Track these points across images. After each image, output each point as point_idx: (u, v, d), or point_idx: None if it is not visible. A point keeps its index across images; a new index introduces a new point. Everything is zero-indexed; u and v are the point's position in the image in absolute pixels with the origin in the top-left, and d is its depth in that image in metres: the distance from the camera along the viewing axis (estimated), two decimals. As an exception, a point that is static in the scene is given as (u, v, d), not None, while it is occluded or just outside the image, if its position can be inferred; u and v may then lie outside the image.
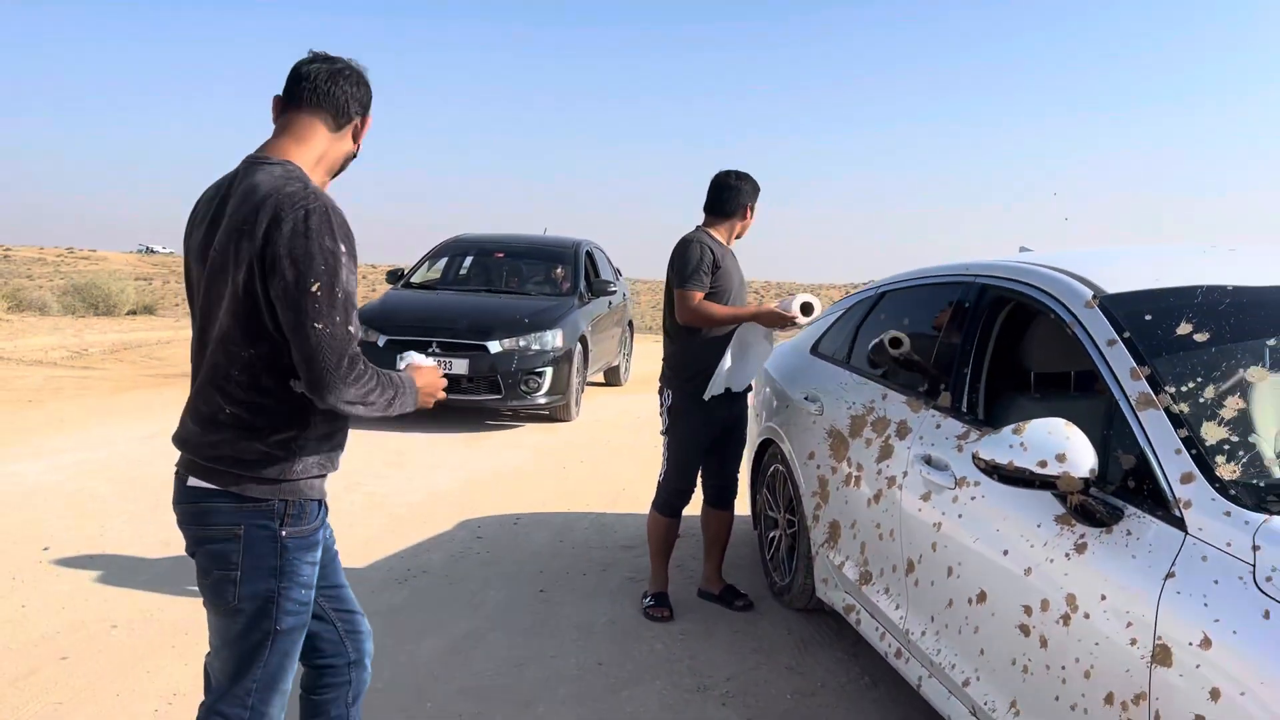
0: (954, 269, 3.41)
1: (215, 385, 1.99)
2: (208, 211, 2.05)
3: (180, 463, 2.06)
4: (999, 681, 2.51)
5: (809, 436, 3.90)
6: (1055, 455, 2.18)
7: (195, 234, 2.06)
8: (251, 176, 1.98)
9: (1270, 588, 1.77)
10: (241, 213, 1.94)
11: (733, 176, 4.08)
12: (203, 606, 2.09)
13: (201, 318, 2.04)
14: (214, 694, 2.07)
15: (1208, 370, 2.28)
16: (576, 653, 3.71)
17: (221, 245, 1.96)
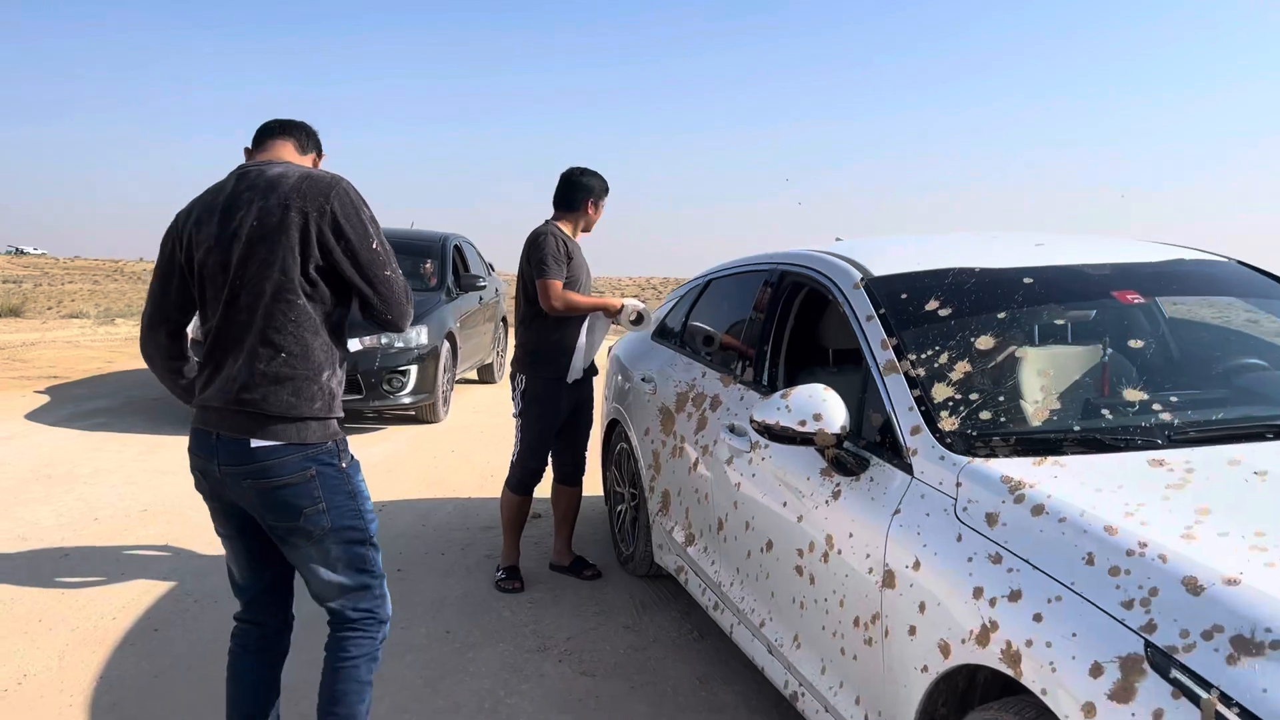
0: (762, 258, 3.76)
1: (269, 341, 2.34)
2: (217, 205, 2.41)
3: (228, 427, 2.36)
4: (785, 619, 2.85)
5: (645, 414, 4.21)
6: (813, 415, 2.52)
7: (209, 226, 2.40)
8: (268, 172, 2.41)
9: (965, 516, 2.13)
10: (279, 196, 2.35)
11: (579, 173, 4.35)
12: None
13: (232, 294, 2.36)
14: (340, 602, 2.50)
15: (945, 340, 2.65)
16: (427, 623, 3.94)
17: (267, 224, 2.33)
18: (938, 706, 2.14)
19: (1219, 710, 1.49)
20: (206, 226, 2.41)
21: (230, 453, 2.35)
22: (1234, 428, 2.33)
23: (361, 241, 2.38)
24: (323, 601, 2.53)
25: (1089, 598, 1.76)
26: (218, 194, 2.44)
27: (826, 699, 2.59)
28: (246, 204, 2.38)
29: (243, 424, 2.33)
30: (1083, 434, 2.33)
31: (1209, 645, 1.57)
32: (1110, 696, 1.62)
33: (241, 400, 2.33)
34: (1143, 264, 3.05)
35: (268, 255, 2.33)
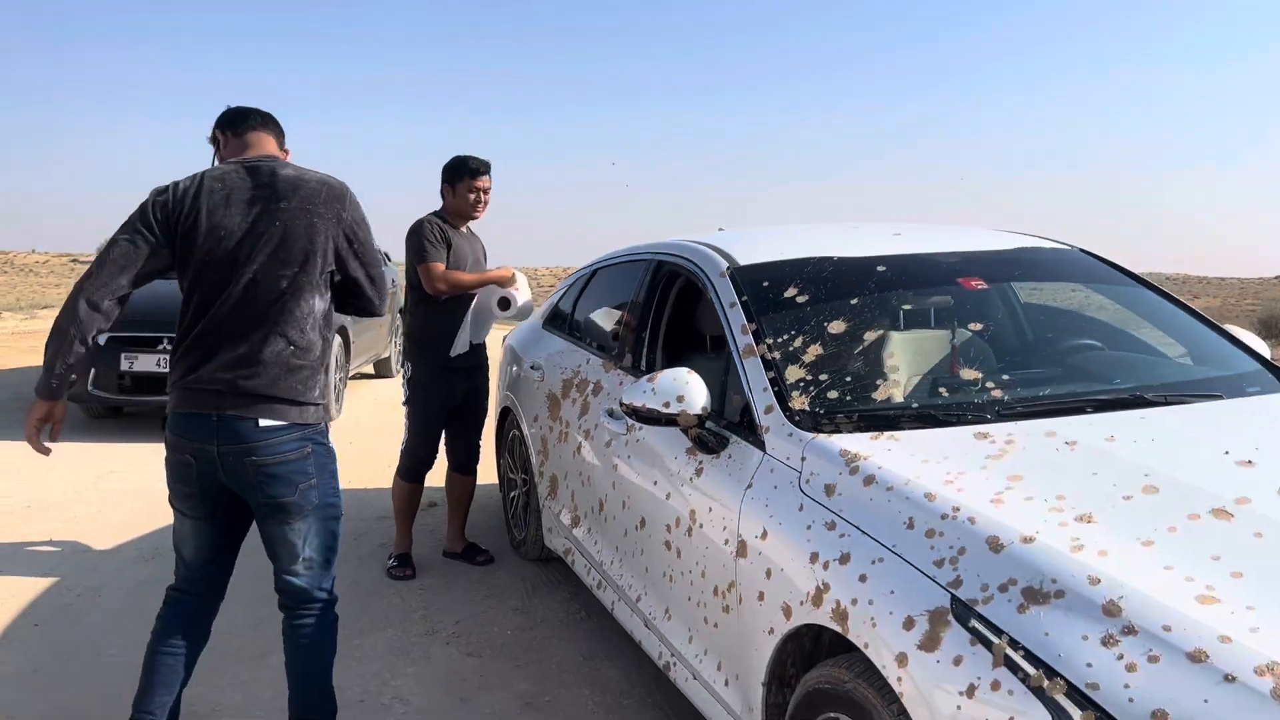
0: (644, 248, 3.88)
1: (279, 333, 2.54)
2: (229, 198, 2.57)
3: (232, 409, 2.52)
4: (657, 593, 2.98)
5: (534, 401, 4.30)
6: (676, 397, 2.64)
7: (221, 216, 2.55)
8: (281, 172, 2.62)
9: (807, 488, 2.27)
10: (301, 201, 2.58)
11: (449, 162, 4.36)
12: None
13: (246, 287, 2.53)
14: (308, 579, 2.69)
15: (800, 325, 2.80)
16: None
17: (292, 227, 2.55)
18: (787, 666, 2.29)
19: (1008, 653, 1.65)
20: (218, 217, 2.55)
21: (235, 432, 2.52)
22: (1057, 403, 2.53)
23: (367, 243, 2.70)
24: (292, 580, 2.69)
25: (907, 558, 1.92)
26: (225, 185, 2.59)
27: (694, 667, 2.73)
28: (266, 201, 2.57)
29: (251, 406, 2.52)
30: (919, 410, 2.51)
31: (1004, 596, 1.74)
32: (920, 647, 1.77)
33: (249, 385, 2.51)
34: (991, 252, 3.25)
35: (288, 256, 2.54)
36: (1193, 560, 1.73)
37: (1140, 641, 1.58)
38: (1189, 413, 2.48)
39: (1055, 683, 1.58)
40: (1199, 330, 3.13)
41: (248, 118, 2.79)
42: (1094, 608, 1.65)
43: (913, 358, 2.80)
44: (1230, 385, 2.73)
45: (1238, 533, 1.81)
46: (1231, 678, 1.49)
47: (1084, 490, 1.98)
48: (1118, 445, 2.20)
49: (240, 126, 2.77)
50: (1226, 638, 1.55)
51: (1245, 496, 1.92)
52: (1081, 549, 1.78)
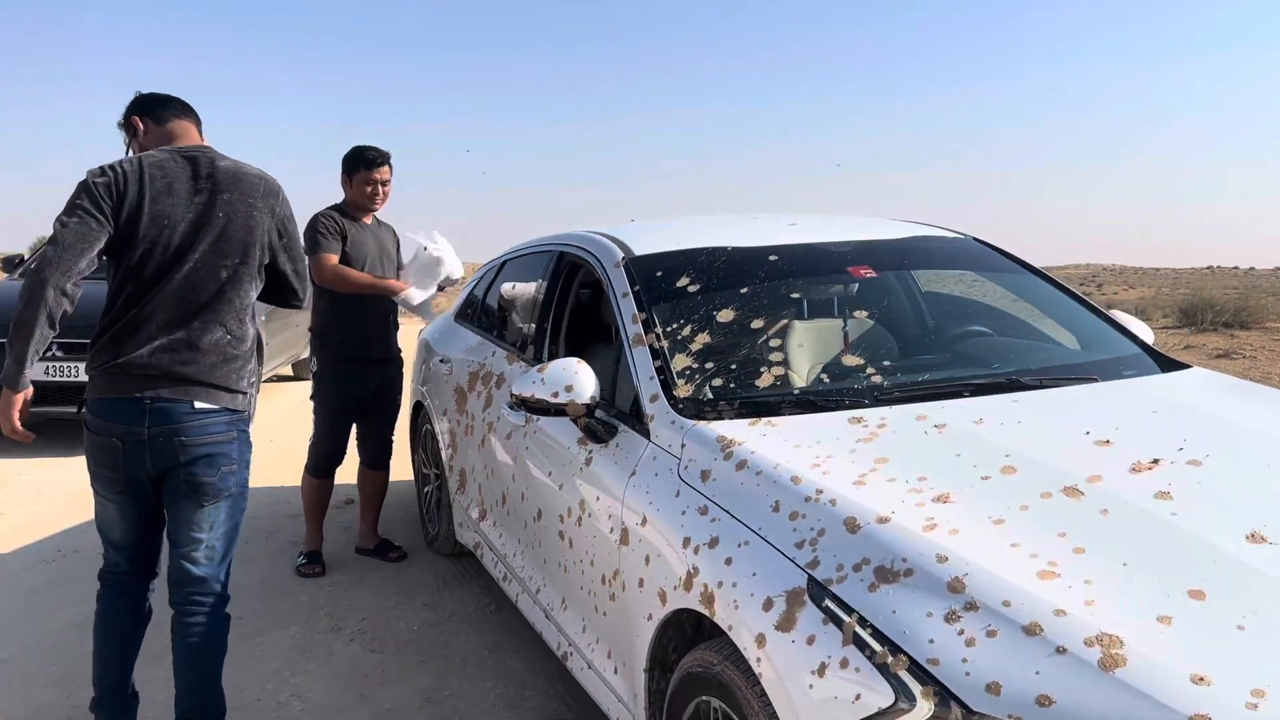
0: (547, 239, 3.87)
1: (218, 321, 2.61)
2: (171, 186, 2.57)
3: (166, 392, 2.55)
4: (555, 583, 2.98)
5: (444, 395, 4.27)
6: (564, 387, 2.65)
7: (165, 204, 2.56)
8: (219, 162, 2.66)
9: (685, 474, 2.29)
10: (243, 193, 2.64)
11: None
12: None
13: (187, 274, 2.56)
14: (208, 569, 2.71)
15: (690, 314, 2.82)
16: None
17: (234, 218, 2.61)
18: (669, 652, 2.30)
19: (857, 631, 1.68)
20: (161, 204, 2.56)
21: (167, 414, 2.56)
22: (934, 388, 2.57)
23: (295, 237, 2.79)
24: (191, 568, 2.70)
25: (771, 541, 1.94)
26: (165, 173, 2.59)
27: (587, 656, 2.74)
28: (207, 192, 2.60)
29: (186, 389, 2.57)
30: (799, 397, 2.54)
31: (857, 576, 1.76)
32: (777, 627, 1.79)
33: (186, 370, 2.57)
34: (883, 240, 3.30)
35: (229, 247, 2.61)
36: (1039, 537, 1.77)
37: (981, 617, 1.62)
38: (1060, 395, 2.54)
39: (899, 659, 1.61)
40: (1083, 316, 3.21)
41: (169, 104, 2.78)
42: (940, 585, 1.68)
43: (800, 346, 2.83)
44: (1107, 368, 2.81)
45: (1085, 510, 1.86)
46: (1063, 649, 1.53)
47: (945, 471, 2.02)
48: (984, 428, 2.25)
49: (162, 113, 2.76)
50: (1062, 611, 1.59)
51: (1098, 475, 1.97)
52: (934, 528, 1.81)
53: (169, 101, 2.79)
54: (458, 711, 3.12)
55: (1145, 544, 1.75)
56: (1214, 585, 1.64)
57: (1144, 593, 1.63)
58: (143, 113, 2.77)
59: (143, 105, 2.78)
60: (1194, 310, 13.94)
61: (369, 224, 4.30)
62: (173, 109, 2.77)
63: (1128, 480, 1.96)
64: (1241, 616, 1.57)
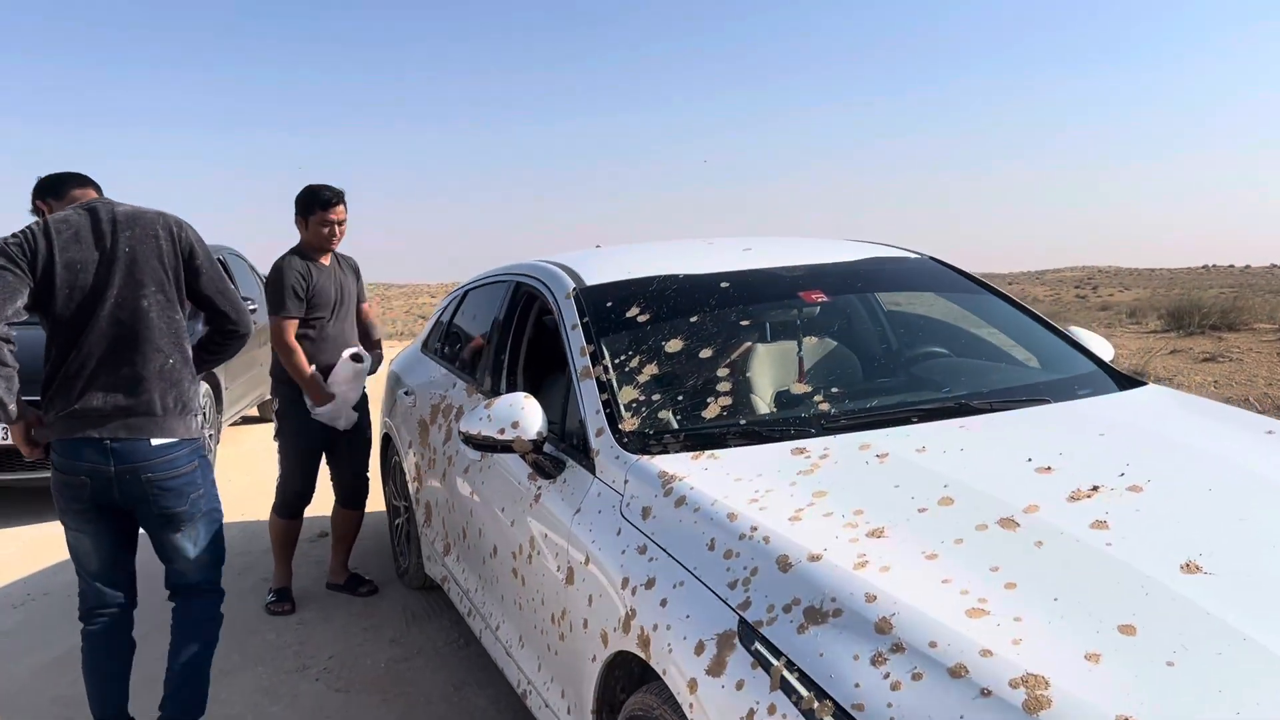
0: (504, 269, 3.85)
1: (155, 348, 2.75)
2: (80, 235, 2.74)
3: (124, 431, 2.72)
4: (511, 620, 2.94)
5: (410, 427, 4.23)
6: (511, 423, 2.61)
7: (75, 251, 2.73)
8: (118, 208, 2.82)
9: (627, 512, 2.26)
10: (144, 227, 2.79)
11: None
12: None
13: (114, 312, 2.72)
14: (202, 574, 2.98)
15: (639, 345, 2.79)
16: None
17: (142, 251, 2.76)
18: (617, 693, 2.27)
19: (784, 675, 1.65)
20: (72, 251, 2.72)
21: (129, 453, 2.73)
22: (881, 414, 2.54)
23: (209, 259, 2.91)
24: (184, 579, 2.96)
25: (705, 581, 1.91)
26: (70, 225, 2.76)
27: (543, 695, 2.70)
28: (112, 234, 2.76)
29: (140, 425, 2.73)
30: (745, 428, 2.51)
31: (787, 617, 1.73)
32: (708, 672, 1.76)
33: (137, 402, 2.73)
34: (837, 264, 3.27)
35: (142, 277, 2.75)
36: (971, 573, 1.74)
37: (907, 659, 1.58)
38: (1008, 420, 2.51)
39: (824, 705, 1.57)
40: (1041, 335, 3.19)
41: (66, 180, 2.98)
42: (868, 625, 1.65)
43: (749, 374, 2.81)
44: (1060, 389, 2.78)
45: (1020, 542, 1.83)
46: (987, 691, 1.50)
47: (882, 504, 1.99)
48: (926, 456, 2.22)
49: (61, 190, 2.97)
50: (988, 651, 1.56)
51: (1035, 504, 1.94)
52: (865, 565, 1.78)
53: (66, 178, 2.99)
54: (420, 752, 3.08)
55: (1078, 577, 1.72)
56: (1145, 619, 1.60)
57: (1074, 629, 1.60)
58: (43, 196, 2.98)
59: (42, 190, 2.99)
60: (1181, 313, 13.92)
61: (327, 265, 4.24)
62: (70, 184, 2.97)
63: (1065, 510, 1.93)
64: (1171, 652, 1.54)
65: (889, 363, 3.17)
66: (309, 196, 4.13)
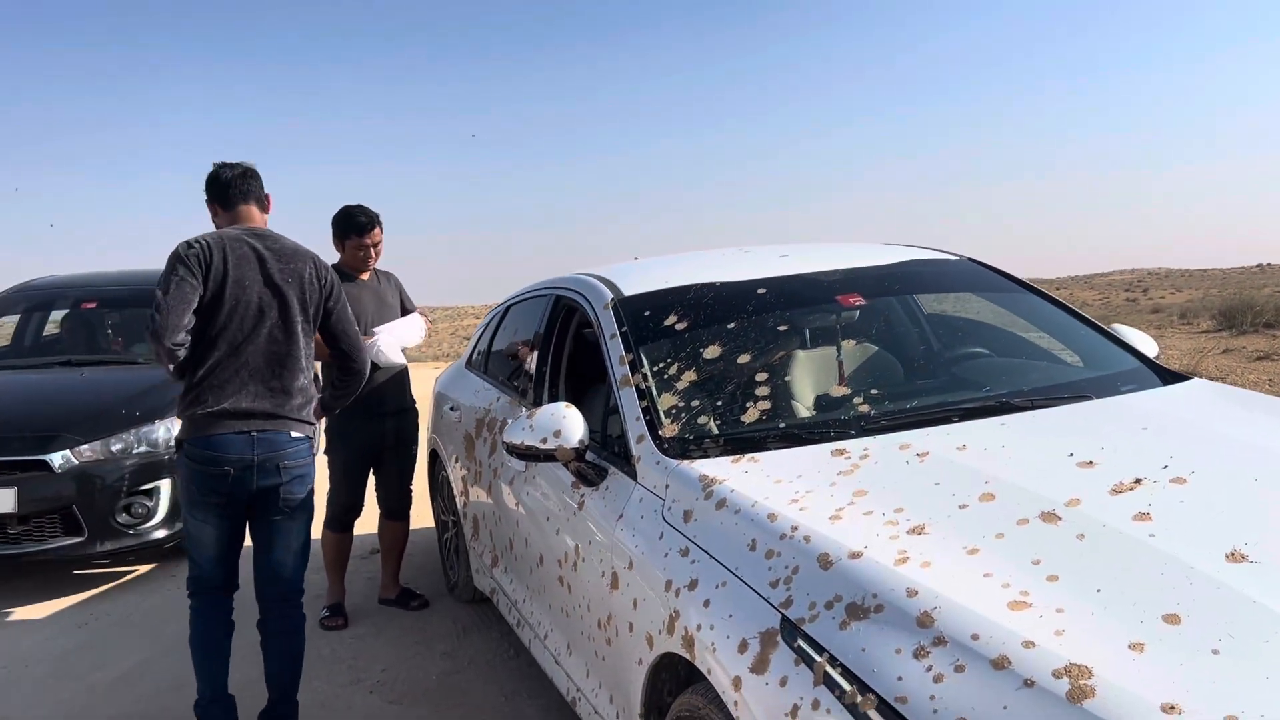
0: (546, 282, 3.90)
1: (299, 369, 3.19)
2: (250, 257, 3.13)
3: (270, 425, 3.14)
4: (560, 628, 2.98)
5: (455, 441, 4.30)
6: (553, 432, 2.66)
7: (246, 271, 3.11)
8: (283, 240, 3.25)
9: (669, 515, 2.29)
10: (299, 258, 3.22)
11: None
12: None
13: (272, 329, 3.14)
14: (296, 570, 3.30)
15: (678, 352, 2.82)
16: (243, 668, 3.92)
17: (296, 283, 3.18)
18: (664, 696, 2.29)
19: (827, 671, 1.66)
20: (241, 270, 3.10)
21: (271, 443, 3.13)
22: (921, 415, 2.55)
23: (340, 301, 3.32)
24: (283, 570, 3.26)
25: (747, 580, 1.93)
26: (243, 245, 3.14)
27: (592, 701, 2.73)
28: (277, 264, 3.15)
29: (283, 423, 3.15)
30: (785, 431, 2.53)
31: (829, 614, 1.75)
32: (751, 670, 1.78)
33: (278, 409, 3.14)
34: (874, 267, 3.28)
35: (297, 306, 3.16)
36: (1013, 566, 1.75)
37: (949, 651, 1.59)
38: (1049, 416, 2.50)
39: (868, 698, 1.59)
40: (1083, 332, 3.17)
41: (233, 198, 3.29)
42: (909, 620, 1.66)
43: (788, 378, 2.82)
44: (1102, 385, 2.76)
45: (1061, 536, 1.83)
46: (1031, 682, 1.50)
47: (923, 502, 2.00)
48: (967, 454, 2.22)
49: (229, 203, 3.30)
50: (1030, 643, 1.56)
51: (1076, 498, 1.94)
52: (906, 561, 1.79)
53: (234, 193, 3.29)
54: (472, 761, 3.12)
55: (1121, 568, 1.72)
56: (1189, 608, 1.60)
57: (1117, 619, 1.60)
58: (212, 201, 3.32)
59: (213, 194, 3.30)
60: (1233, 313, 13.67)
61: (366, 280, 4.34)
62: (238, 199, 3.29)
63: (1107, 502, 1.92)
64: (1216, 640, 1.53)
65: (929, 364, 3.16)
66: (344, 220, 4.24)
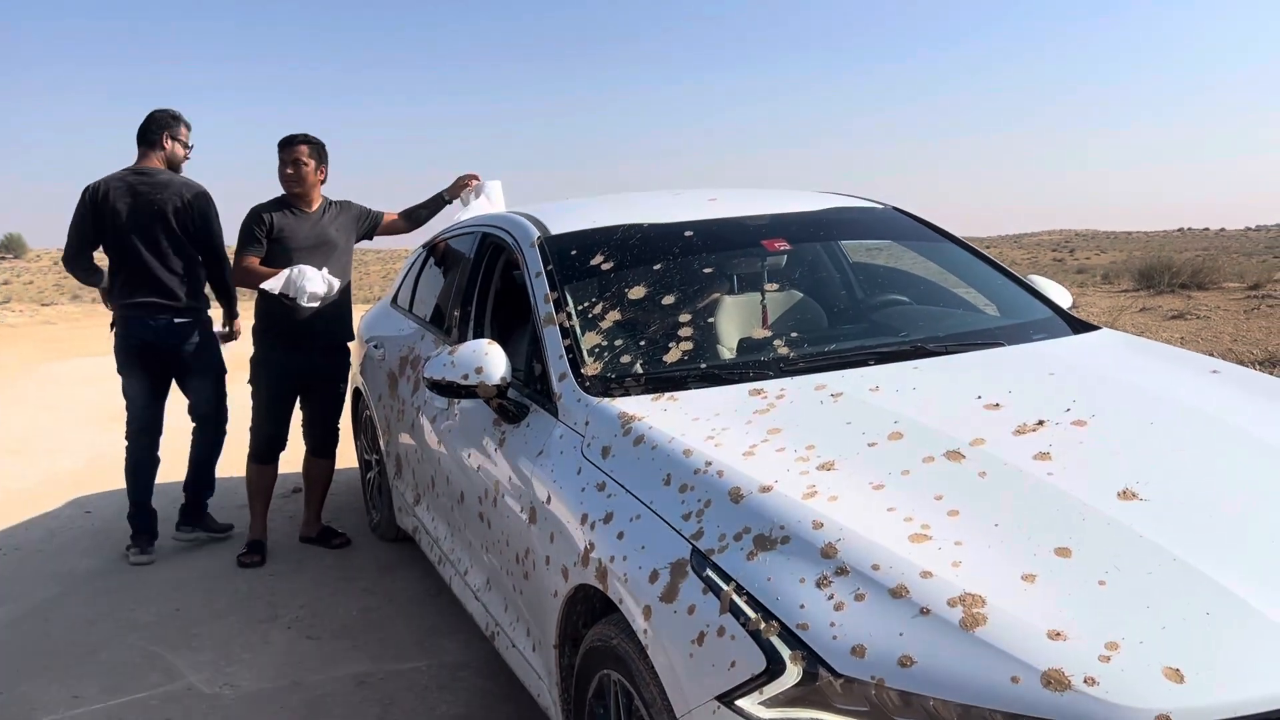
0: (471, 220, 3.85)
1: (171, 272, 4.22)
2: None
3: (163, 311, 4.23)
4: (478, 564, 2.99)
5: (379, 380, 4.26)
6: (475, 369, 2.64)
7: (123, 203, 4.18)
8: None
9: (588, 451, 2.30)
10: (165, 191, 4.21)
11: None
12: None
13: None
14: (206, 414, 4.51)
15: (602, 292, 2.82)
16: (157, 604, 3.90)
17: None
18: (579, 628, 2.32)
19: (733, 599, 1.70)
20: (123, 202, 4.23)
21: (163, 327, 4.24)
22: (838, 357, 2.58)
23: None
24: (197, 411, 4.50)
25: (660, 513, 1.96)
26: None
27: (510, 635, 2.75)
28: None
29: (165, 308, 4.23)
30: (705, 371, 2.55)
31: (738, 545, 1.78)
32: (661, 598, 1.81)
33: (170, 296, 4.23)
34: (801, 213, 3.30)
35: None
36: (916, 501, 1.80)
37: (850, 581, 1.64)
38: (961, 361, 2.56)
39: (770, 625, 1.62)
40: (1002, 283, 3.24)
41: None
42: (814, 551, 1.70)
43: (711, 320, 2.84)
44: (1016, 333, 2.83)
45: (964, 473, 1.88)
46: (926, 610, 1.56)
47: (834, 440, 2.04)
48: (880, 395, 2.27)
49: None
50: (928, 573, 1.61)
51: (981, 438, 1.99)
52: (814, 495, 1.83)
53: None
54: (390, 695, 3.13)
55: (1019, 504, 1.78)
56: (1080, 542, 1.66)
57: (1011, 553, 1.65)
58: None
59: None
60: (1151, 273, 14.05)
61: (310, 211, 4.24)
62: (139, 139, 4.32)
63: (1010, 442, 1.98)
64: (1104, 572, 1.60)
65: (851, 310, 3.21)
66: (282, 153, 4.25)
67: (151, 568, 4.30)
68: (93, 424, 7.30)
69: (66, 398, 8.24)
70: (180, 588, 4.06)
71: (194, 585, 4.08)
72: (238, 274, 4.17)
